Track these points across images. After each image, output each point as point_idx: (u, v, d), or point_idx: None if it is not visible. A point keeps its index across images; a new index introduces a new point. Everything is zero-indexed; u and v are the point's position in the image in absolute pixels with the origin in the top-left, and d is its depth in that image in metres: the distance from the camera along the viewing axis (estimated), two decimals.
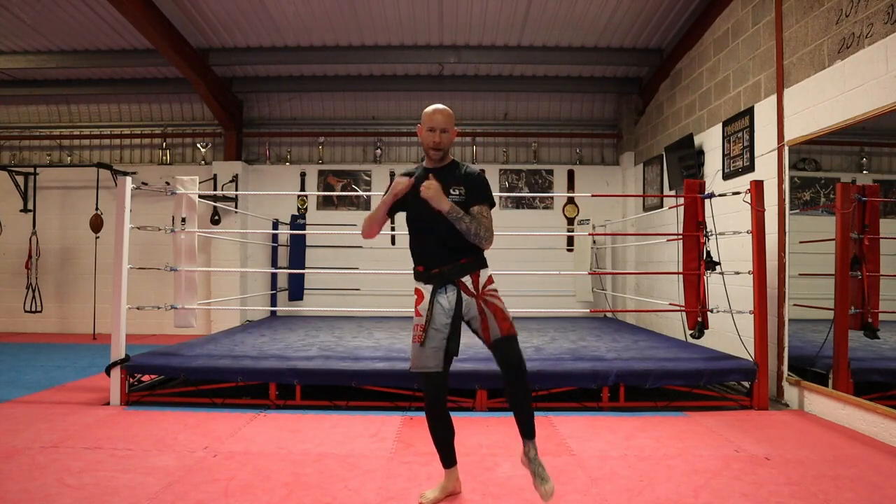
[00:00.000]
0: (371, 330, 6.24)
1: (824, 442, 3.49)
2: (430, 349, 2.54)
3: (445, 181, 2.60)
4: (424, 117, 2.65)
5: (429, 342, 2.54)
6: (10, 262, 8.39)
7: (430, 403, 2.59)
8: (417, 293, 2.63)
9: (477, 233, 2.55)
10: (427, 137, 2.63)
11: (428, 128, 2.62)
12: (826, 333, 4.08)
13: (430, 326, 2.54)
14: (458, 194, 2.60)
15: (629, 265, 8.07)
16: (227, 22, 6.84)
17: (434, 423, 2.61)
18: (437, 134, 2.61)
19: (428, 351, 2.54)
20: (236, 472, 2.91)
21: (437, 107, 2.67)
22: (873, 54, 3.59)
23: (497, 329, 2.53)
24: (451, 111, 2.68)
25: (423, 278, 2.62)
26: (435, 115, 2.63)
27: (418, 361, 2.57)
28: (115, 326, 4.34)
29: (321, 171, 8.62)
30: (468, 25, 6.89)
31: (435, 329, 2.54)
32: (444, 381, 2.59)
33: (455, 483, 2.68)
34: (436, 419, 2.61)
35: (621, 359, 4.55)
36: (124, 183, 4.43)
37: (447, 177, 2.63)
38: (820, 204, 4.45)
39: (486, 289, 2.60)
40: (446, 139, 2.64)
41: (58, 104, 8.76)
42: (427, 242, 2.63)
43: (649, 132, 7.70)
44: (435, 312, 2.55)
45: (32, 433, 3.49)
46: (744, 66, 5.21)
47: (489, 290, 2.60)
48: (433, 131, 2.61)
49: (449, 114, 2.65)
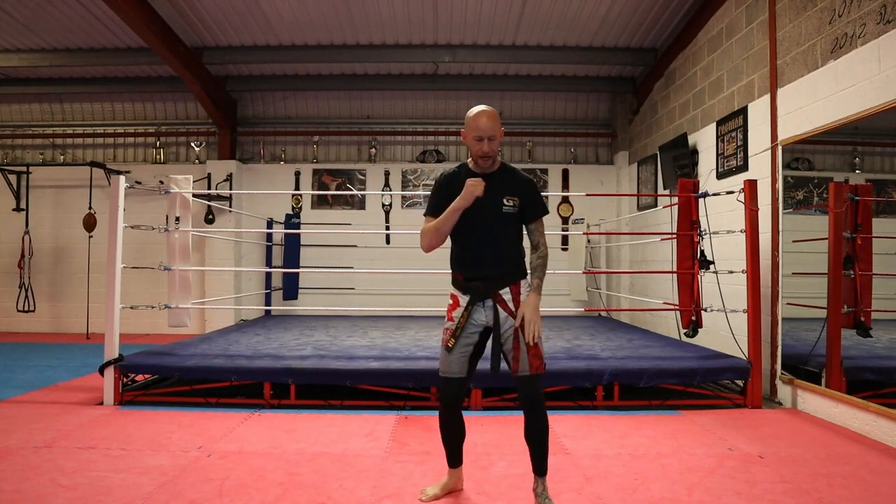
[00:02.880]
0: (366, 329, 6.23)
1: (817, 440, 3.51)
2: (456, 355, 2.50)
3: (498, 189, 2.46)
4: (469, 122, 2.46)
5: (457, 349, 2.49)
6: (3, 261, 8.33)
7: (445, 406, 2.57)
8: (453, 298, 2.55)
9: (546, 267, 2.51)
10: (475, 146, 2.45)
11: (475, 136, 2.43)
12: (819, 332, 4.10)
13: (462, 335, 2.48)
14: (511, 205, 2.47)
15: (623, 264, 8.09)
16: (220, 20, 6.81)
17: (447, 425, 2.59)
18: (485, 143, 2.43)
19: (455, 357, 2.50)
20: (231, 472, 2.91)
21: (481, 109, 2.46)
22: (866, 54, 3.61)
23: (527, 365, 2.44)
24: (495, 111, 2.49)
25: (462, 288, 2.53)
26: (480, 121, 2.42)
27: (445, 366, 2.53)
28: (108, 326, 4.32)
29: (316, 170, 8.60)
30: (463, 24, 6.89)
31: (465, 338, 2.49)
32: (464, 385, 2.55)
33: (457, 482, 2.70)
34: (450, 421, 2.59)
35: (616, 358, 4.56)
36: (118, 182, 4.41)
37: (499, 185, 2.48)
38: (813, 203, 4.47)
39: None
40: (495, 146, 2.46)
41: (51, 103, 8.71)
42: (471, 251, 2.51)
43: (643, 131, 7.72)
44: (468, 324, 2.49)
45: (25, 433, 3.47)
46: (737, 65, 5.23)
47: None
48: (480, 140, 2.43)
49: (494, 115, 2.45)
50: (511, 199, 2.47)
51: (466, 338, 2.50)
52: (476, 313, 2.50)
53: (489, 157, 2.47)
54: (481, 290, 2.47)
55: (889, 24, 3.43)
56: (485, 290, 2.47)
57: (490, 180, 2.47)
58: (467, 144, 2.49)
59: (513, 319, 2.46)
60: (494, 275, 2.48)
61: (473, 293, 2.49)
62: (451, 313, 2.54)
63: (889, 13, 3.43)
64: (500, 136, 2.48)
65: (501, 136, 2.49)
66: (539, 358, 2.45)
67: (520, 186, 2.50)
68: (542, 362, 2.47)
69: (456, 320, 2.50)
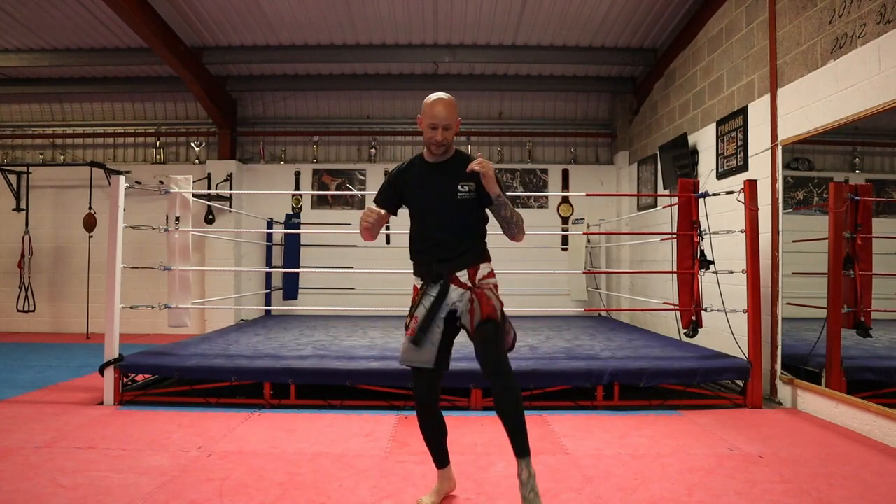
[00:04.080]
0: (366, 329, 6.23)
1: (817, 440, 3.51)
2: (420, 343, 2.39)
3: (451, 177, 2.41)
4: (424, 109, 2.40)
5: (419, 336, 2.38)
6: (3, 261, 8.33)
7: (419, 402, 2.47)
8: (414, 290, 2.51)
9: (518, 223, 2.42)
10: (428, 134, 2.39)
11: (429, 124, 2.38)
12: (819, 332, 4.10)
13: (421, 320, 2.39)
14: (467, 191, 2.41)
15: (623, 264, 8.09)
16: (220, 20, 6.81)
17: (423, 422, 2.50)
18: (438, 132, 2.37)
19: (417, 345, 2.39)
20: (231, 472, 2.90)
21: (438, 97, 2.41)
22: (866, 54, 3.61)
23: (479, 315, 2.34)
24: (454, 100, 2.44)
25: (420, 273, 2.49)
26: (436, 109, 2.37)
27: (406, 355, 2.43)
28: (108, 326, 4.32)
29: (316, 170, 8.60)
30: (463, 24, 6.89)
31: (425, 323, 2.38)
32: (436, 378, 2.45)
33: (450, 483, 2.62)
34: (425, 418, 2.48)
35: (616, 358, 4.56)
36: (118, 182, 4.41)
37: (453, 172, 2.43)
38: (813, 203, 4.47)
39: (482, 281, 2.42)
40: (450, 135, 2.40)
41: (51, 103, 8.71)
42: (427, 239, 2.47)
43: (643, 131, 7.72)
44: (425, 307, 2.40)
45: (25, 433, 3.47)
46: (737, 65, 5.23)
47: (486, 283, 2.43)
48: (434, 128, 2.37)
49: (451, 104, 2.40)
50: (466, 185, 2.41)
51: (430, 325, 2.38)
52: (431, 291, 2.41)
53: (442, 146, 2.41)
54: (436, 269, 2.41)
55: (889, 24, 3.43)
56: (439, 270, 2.41)
57: (444, 169, 2.45)
58: (422, 131, 2.42)
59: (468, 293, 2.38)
60: (452, 255, 2.42)
61: (428, 276, 2.43)
62: (413, 302, 2.48)
63: (889, 13, 3.43)
64: (457, 127, 2.43)
65: (458, 126, 2.44)
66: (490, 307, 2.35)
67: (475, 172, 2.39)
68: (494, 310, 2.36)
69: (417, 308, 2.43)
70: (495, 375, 2.33)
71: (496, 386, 2.33)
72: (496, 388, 2.33)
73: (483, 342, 2.36)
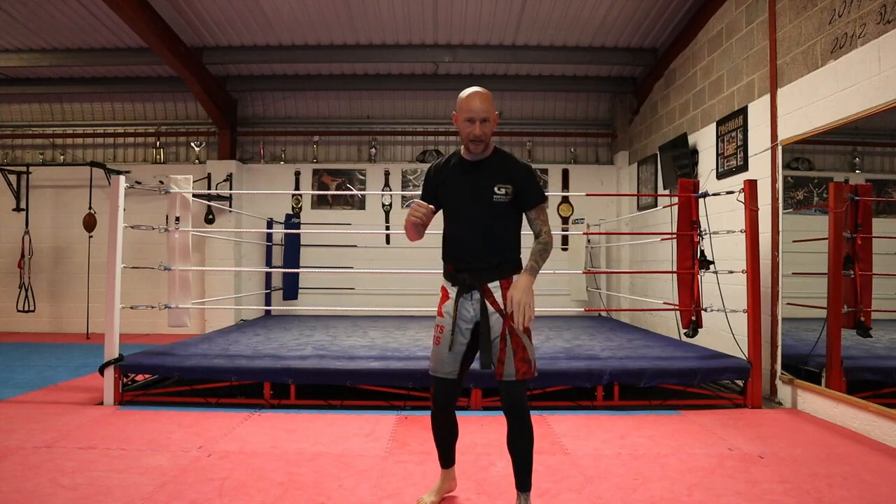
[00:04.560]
0: (366, 329, 6.23)
1: (817, 440, 3.51)
2: (448, 353, 2.37)
3: (488, 176, 2.33)
4: (460, 104, 2.30)
5: (448, 346, 2.36)
6: (3, 261, 8.34)
7: (438, 407, 2.47)
8: (443, 291, 2.45)
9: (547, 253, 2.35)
10: (465, 129, 2.29)
11: (465, 118, 2.27)
12: (819, 332, 4.10)
13: (453, 330, 2.36)
14: (503, 193, 2.31)
15: (623, 264, 8.09)
16: (221, 20, 6.81)
17: (439, 426, 2.52)
18: (476, 125, 2.27)
19: (446, 355, 2.38)
20: (231, 472, 2.91)
21: (474, 90, 2.30)
22: (866, 54, 3.61)
23: (512, 369, 2.28)
24: (490, 93, 2.32)
25: (451, 279, 2.42)
26: (472, 102, 2.27)
27: (436, 365, 2.42)
28: (108, 326, 4.32)
29: (316, 171, 8.60)
30: (463, 24, 6.89)
31: (457, 335, 2.36)
32: (457, 387, 2.45)
33: (451, 483, 2.65)
34: (442, 422, 2.51)
35: (616, 358, 4.56)
36: (118, 182, 4.41)
37: (490, 171, 2.34)
38: (813, 203, 4.47)
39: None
40: (488, 129, 2.29)
41: (51, 103, 8.71)
42: (460, 241, 2.38)
43: (643, 131, 7.72)
44: (459, 318, 2.37)
45: (25, 433, 3.47)
46: (737, 65, 5.23)
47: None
48: (472, 122, 2.27)
49: (488, 97, 2.29)
50: (503, 188, 2.31)
51: (458, 335, 2.37)
52: (464, 307, 2.36)
53: (481, 142, 2.31)
54: (468, 281, 2.35)
55: (889, 24, 3.43)
56: (471, 281, 2.34)
57: (481, 167, 2.36)
58: (458, 128, 2.33)
59: (501, 322, 2.31)
60: (483, 266, 2.34)
61: (461, 284, 2.36)
62: (440, 307, 2.44)
63: (889, 13, 3.43)
64: (495, 120, 2.33)
65: (496, 120, 2.33)
66: (527, 363, 2.30)
67: (514, 173, 2.35)
68: (531, 367, 2.31)
69: (446, 315, 2.39)
70: (514, 415, 2.33)
71: (513, 425, 2.34)
72: (513, 427, 2.34)
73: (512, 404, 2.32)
